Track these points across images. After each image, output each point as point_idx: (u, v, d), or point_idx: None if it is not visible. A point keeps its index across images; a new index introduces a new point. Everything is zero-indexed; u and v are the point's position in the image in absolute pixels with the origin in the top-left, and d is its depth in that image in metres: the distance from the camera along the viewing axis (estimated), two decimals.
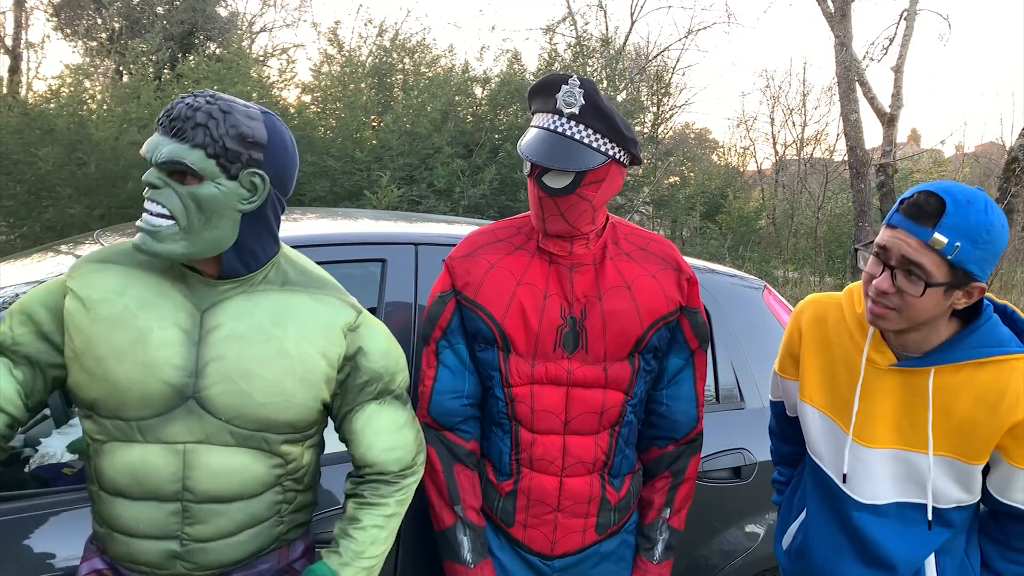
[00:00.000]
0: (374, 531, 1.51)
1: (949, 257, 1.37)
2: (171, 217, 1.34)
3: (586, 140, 1.61)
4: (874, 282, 1.46)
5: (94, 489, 1.44)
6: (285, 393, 1.42)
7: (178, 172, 1.34)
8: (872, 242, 1.50)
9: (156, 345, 1.37)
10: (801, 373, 1.71)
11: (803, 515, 1.79)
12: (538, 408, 1.72)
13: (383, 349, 1.54)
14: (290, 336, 1.44)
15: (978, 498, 1.56)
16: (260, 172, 1.39)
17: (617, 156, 1.65)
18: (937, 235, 1.37)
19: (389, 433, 1.54)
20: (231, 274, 1.42)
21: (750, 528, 2.43)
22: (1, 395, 1.42)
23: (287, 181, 1.46)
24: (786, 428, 1.91)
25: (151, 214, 1.35)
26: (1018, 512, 1.53)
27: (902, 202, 1.43)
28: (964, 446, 1.50)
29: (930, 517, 1.56)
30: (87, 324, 1.38)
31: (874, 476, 1.58)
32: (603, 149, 1.62)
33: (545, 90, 1.65)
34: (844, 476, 1.62)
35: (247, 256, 1.43)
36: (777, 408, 1.91)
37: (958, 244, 1.36)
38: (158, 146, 1.34)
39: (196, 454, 1.39)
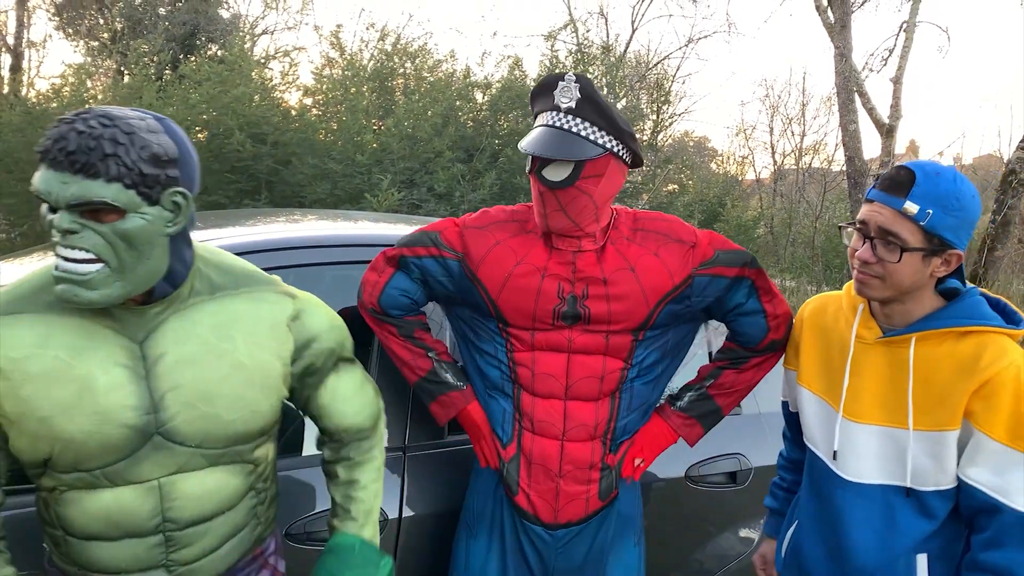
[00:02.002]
0: (374, 487, 1.59)
1: (922, 224, 1.46)
2: (97, 260, 1.21)
3: (583, 133, 1.66)
4: (856, 253, 1.55)
5: (57, 534, 1.36)
6: (250, 405, 1.38)
7: (91, 211, 1.20)
8: (855, 221, 1.58)
9: (104, 391, 1.27)
10: (800, 360, 1.79)
11: (797, 523, 1.82)
12: (539, 371, 1.77)
13: (328, 326, 1.53)
14: (240, 347, 1.38)
15: (952, 483, 1.55)
16: (180, 190, 1.27)
17: (615, 149, 1.69)
18: (908, 203, 1.46)
19: (355, 396, 1.57)
20: (159, 296, 1.32)
21: (744, 533, 2.45)
22: None
23: (196, 182, 1.33)
24: (796, 431, 1.95)
25: (73, 260, 1.20)
26: (977, 499, 1.50)
27: (878, 178, 1.53)
28: (942, 415, 1.52)
29: (908, 483, 1.57)
30: (16, 387, 1.25)
31: (860, 453, 1.63)
32: (600, 141, 1.67)
33: (544, 90, 1.71)
34: (835, 453, 1.66)
35: (171, 275, 1.32)
36: (785, 409, 1.98)
37: (930, 211, 1.45)
38: (61, 185, 1.17)
39: (172, 485, 1.34)
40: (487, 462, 1.88)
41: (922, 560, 1.60)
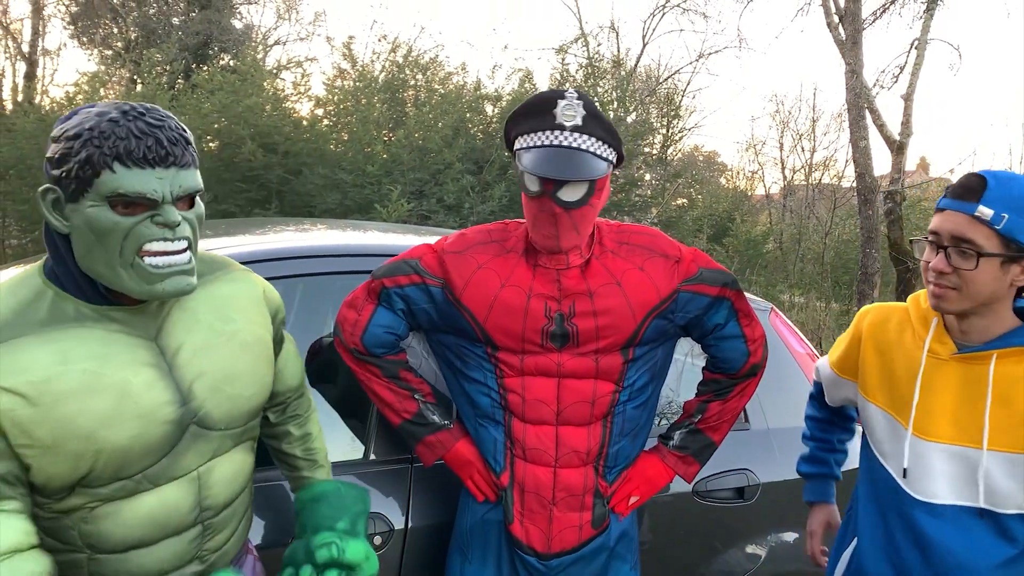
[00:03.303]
0: (321, 436, 1.69)
1: (998, 227, 1.42)
2: (188, 247, 1.25)
3: (592, 149, 1.64)
4: (931, 264, 1.50)
5: (80, 557, 1.27)
6: (261, 379, 1.44)
7: (181, 200, 1.24)
8: (926, 234, 1.54)
9: (141, 392, 1.25)
10: (862, 373, 1.74)
11: (855, 542, 1.77)
12: (529, 397, 1.74)
13: (278, 297, 1.57)
14: (241, 326, 1.42)
15: None
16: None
17: (614, 160, 1.69)
18: (982, 207, 1.43)
19: (295, 358, 1.65)
20: None
21: (751, 549, 2.43)
22: (27, 534, 1.17)
23: None
24: (820, 407, 2.03)
25: (174, 252, 1.22)
26: None
27: (948, 188, 1.50)
28: (1022, 435, 1.47)
29: (981, 503, 1.52)
30: (48, 411, 1.17)
31: (932, 473, 1.57)
32: (607, 156, 1.66)
33: (539, 108, 1.66)
34: (904, 471, 1.60)
35: None
36: (816, 388, 2.02)
37: (1005, 215, 1.42)
38: (160, 180, 1.19)
39: (209, 473, 1.36)
40: (482, 496, 1.84)
41: None
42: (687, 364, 2.52)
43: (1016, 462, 1.48)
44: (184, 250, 1.23)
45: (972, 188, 1.45)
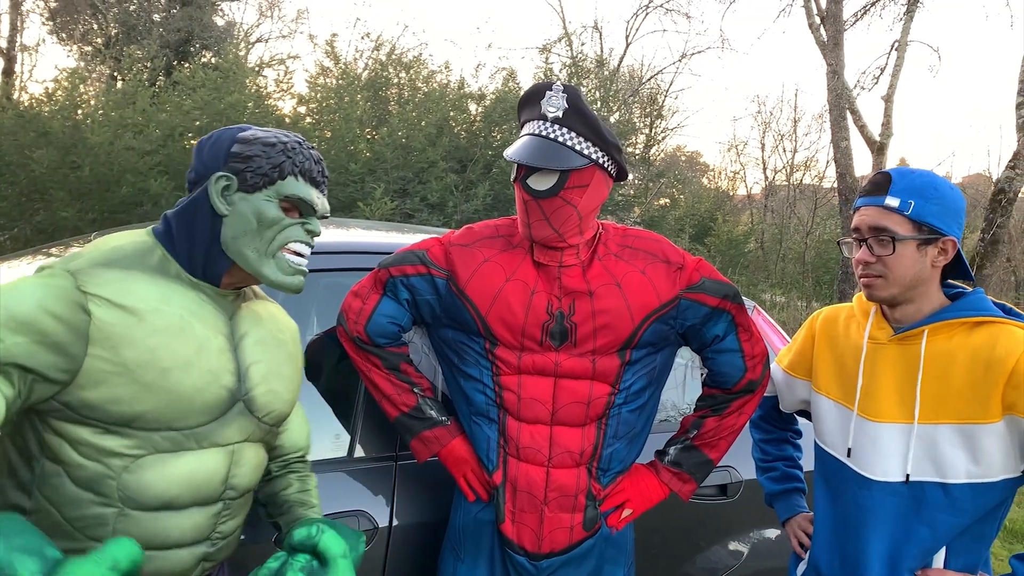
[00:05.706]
0: (318, 499, 1.66)
1: (907, 214, 1.57)
2: None
3: (569, 143, 1.65)
4: (856, 256, 1.64)
5: (108, 512, 1.28)
6: (294, 390, 1.56)
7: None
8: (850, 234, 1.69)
9: (216, 352, 1.38)
10: (815, 369, 1.84)
11: (814, 533, 1.83)
12: (525, 396, 1.74)
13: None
14: (289, 340, 1.57)
15: (993, 477, 1.54)
16: None
17: (600, 161, 1.69)
18: (889, 198, 1.59)
19: (304, 419, 1.72)
20: (237, 287, 1.50)
21: (734, 546, 2.44)
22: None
23: None
24: (770, 421, 2.10)
25: (304, 256, 1.48)
26: None
27: (860, 188, 1.62)
28: (968, 408, 1.54)
29: (908, 470, 1.60)
30: (143, 336, 1.27)
31: (883, 452, 1.64)
32: (586, 152, 1.66)
33: (531, 99, 1.71)
34: (848, 451, 1.70)
35: None
36: (769, 403, 2.07)
37: (911, 201, 1.57)
38: (321, 198, 1.50)
39: (240, 452, 1.44)
40: (474, 495, 1.84)
41: (940, 551, 1.60)
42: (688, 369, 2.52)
43: (965, 433, 1.55)
44: (307, 256, 1.48)
45: (880, 184, 1.61)
